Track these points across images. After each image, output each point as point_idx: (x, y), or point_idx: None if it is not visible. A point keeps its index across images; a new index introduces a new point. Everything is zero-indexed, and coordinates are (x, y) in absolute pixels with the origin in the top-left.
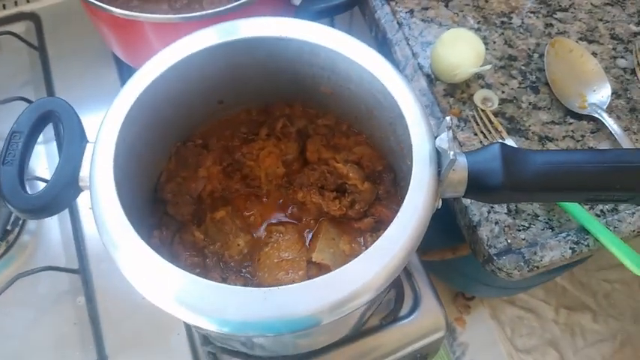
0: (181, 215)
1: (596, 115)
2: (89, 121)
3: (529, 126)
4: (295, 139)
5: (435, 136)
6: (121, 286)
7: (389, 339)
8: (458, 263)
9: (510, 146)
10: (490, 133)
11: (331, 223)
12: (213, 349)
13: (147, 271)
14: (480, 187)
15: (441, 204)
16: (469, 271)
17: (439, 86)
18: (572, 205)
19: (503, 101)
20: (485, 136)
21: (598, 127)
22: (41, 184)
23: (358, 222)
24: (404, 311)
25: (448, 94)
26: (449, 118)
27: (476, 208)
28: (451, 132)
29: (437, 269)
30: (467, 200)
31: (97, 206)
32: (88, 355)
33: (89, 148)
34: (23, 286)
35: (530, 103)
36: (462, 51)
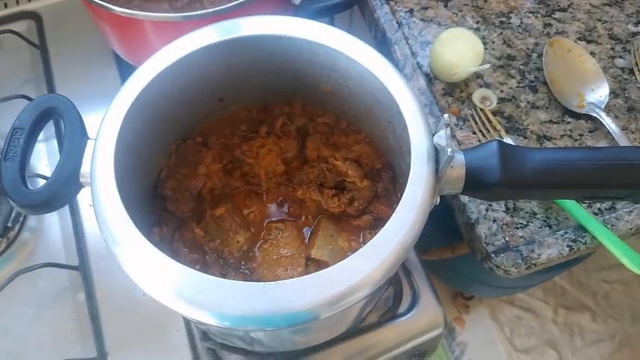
0: (181, 212)
1: (594, 114)
2: (90, 118)
3: (527, 125)
4: (295, 137)
5: (433, 134)
6: (121, 283)
7: (387, 336)
8: (457, 262)
9: (508, 144)
10: (489, 132)
11: (330, 221)
12: (213, 345)
13: (147, 265)
14: (478, 183)
15: (439, 201)
16: (468, 271)
17: (438, 85)
18: (569, 203)
19: (501, 100)
20: (483, 135)
21: (596, 126)
22: (42, 181)
23: (357, 219)
24: (402, 308)
25: (447, 93)
26: (446, 115)
27: (474, 206)
28: (449, 129)
29: (436, 269)
30: (465, 198)
31: (97, 202)
32: (88, 351)
33: (90, 144)
34: (23, 283)
35: (528, 102)
36: (460, 50)
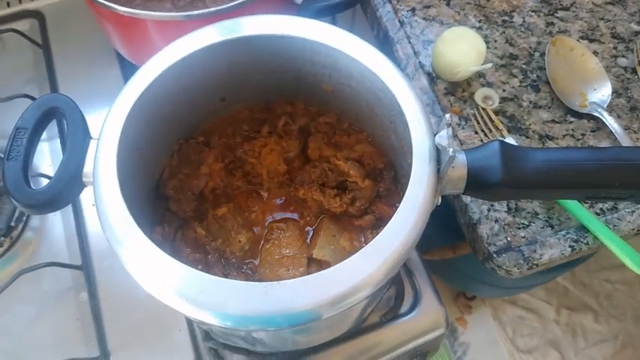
0: (183, 212)
1: (596, 113)
2: (93, 117)
3: (529, 124)
4: (297, 136)
5: (435, 134)
6: (123, 282)
7: (389, 336)
8: (459, 263)
9: (510, 144)
10: (491, 131)
11: (332, 220)
12: (215, 345)
13: (149, 265)
14: (480, 184)
15: (440, 201)
16: (470, 271)
17: (440, 85)
18: (571, 203)
19: (503, 100)
20: (485, 135)
21: (598, 125)
22: (45, 180)
23: (359, 219)
24: (404, 308)
25: (449, 92)
26: (448, 115)
27: (476, 206)
28: (450, 129)
29: (438, 269)
30: (467, 198)
31: (100, 202)
32: (91, 350)
33: (92, 144)
34: (26, 282)
35: (530, 102)
36: (463, 49)
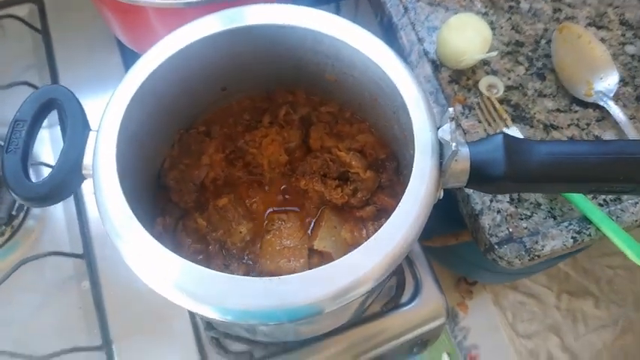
0: (184, 202)
1: (602, 103)
2: (93, 106)
3: (534, 114)
4: (298, 126)
5: (438, 127)
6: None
7: (390, 325)
8: (460, 249)
9: (513, 137)
10: (495, 120)
11: (333, 211)
12: (217, 335)
13: (149, 259)
14: (483, 177)
15: (442, 194)
16: (471, 257)
17: (444, 72)
18: (575, 194)
19: (508, 88)
20: (489, 124)
21: (603, 115)
22: (46, 169)
23: (360, 210)
24: (405, 298)
25: (453, 80)
26: (451, 109)
27: (478, 197)
28: (454, 123)
29: (440, 255)
30: (469, 189)
31: (99, 195)
32: (93, 339)
33: (92, 136)
34: (28, 271)
35: (535, 91)
36: (468, 36)
